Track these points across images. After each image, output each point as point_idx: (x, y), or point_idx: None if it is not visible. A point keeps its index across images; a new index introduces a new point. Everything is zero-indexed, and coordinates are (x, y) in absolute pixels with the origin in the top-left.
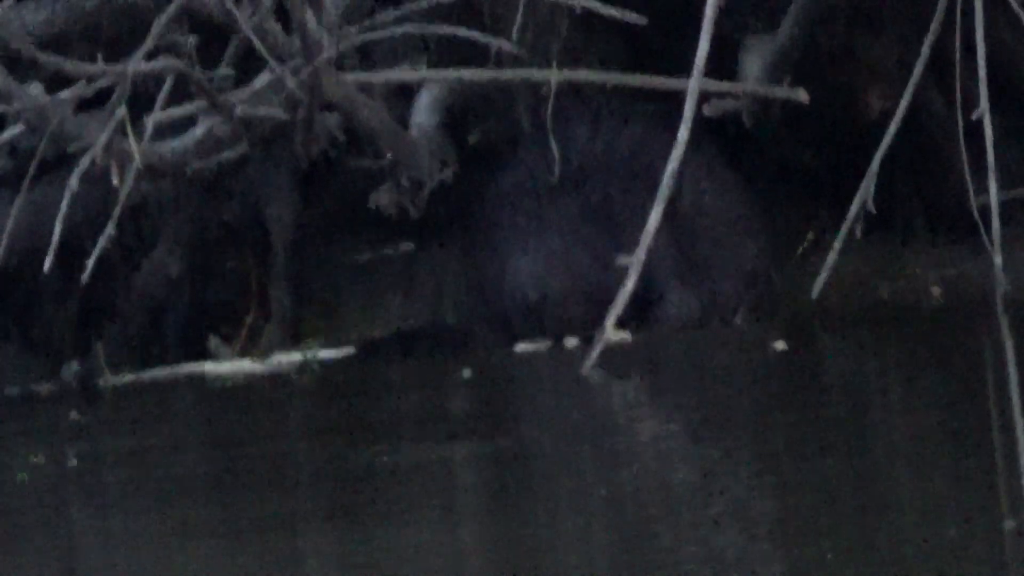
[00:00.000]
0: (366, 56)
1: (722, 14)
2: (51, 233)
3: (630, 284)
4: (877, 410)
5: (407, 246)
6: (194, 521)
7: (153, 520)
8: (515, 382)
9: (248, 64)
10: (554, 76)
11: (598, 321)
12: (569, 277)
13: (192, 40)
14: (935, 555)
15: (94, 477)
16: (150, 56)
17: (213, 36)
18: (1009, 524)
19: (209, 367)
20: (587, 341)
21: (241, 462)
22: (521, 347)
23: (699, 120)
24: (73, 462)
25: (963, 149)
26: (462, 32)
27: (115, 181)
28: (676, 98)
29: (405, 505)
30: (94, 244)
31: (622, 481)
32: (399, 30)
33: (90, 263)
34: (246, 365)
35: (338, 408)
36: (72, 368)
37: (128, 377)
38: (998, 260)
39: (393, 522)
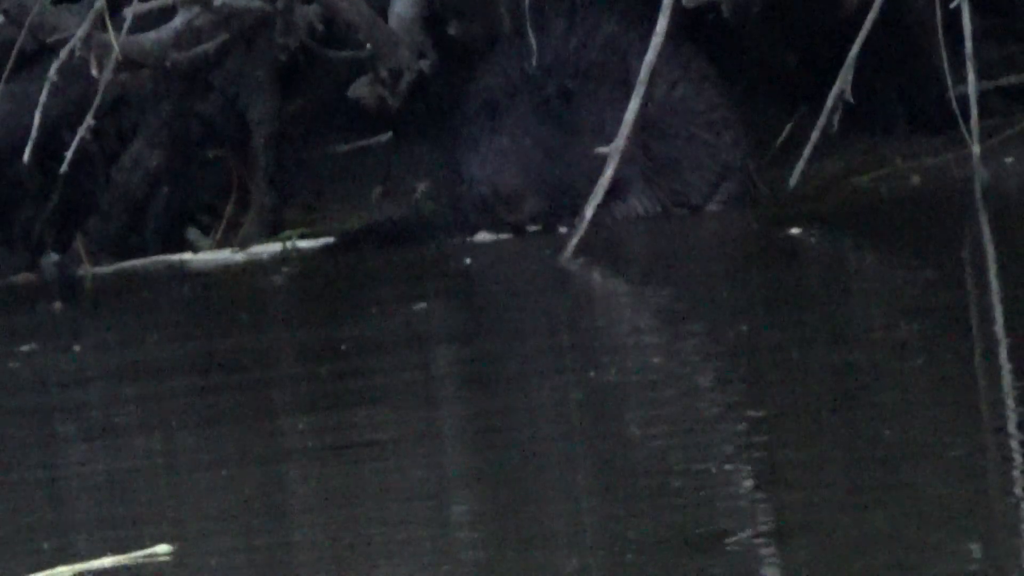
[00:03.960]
0: None
1: None
2: (30, 127)
3: (608, 172)
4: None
5: (386, 136)
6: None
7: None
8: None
9: None
10: None
11: (555, 214)
12: (529, 170)
13: None
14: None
15: (84, 366)
16: None
17: None
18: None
19: (189, 257)
20: (547, 230)
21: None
22: (481, 236)
23: (678, 15)
24: (67, 350)
25: (942, 42)
26: None
27: (94, 73)
28: None
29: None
30: (74, 138)
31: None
32: None
33: (69, 154)
34: (226, 255)
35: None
36: (51, 259)
37: (108, 268)
38: (976, 150)
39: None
